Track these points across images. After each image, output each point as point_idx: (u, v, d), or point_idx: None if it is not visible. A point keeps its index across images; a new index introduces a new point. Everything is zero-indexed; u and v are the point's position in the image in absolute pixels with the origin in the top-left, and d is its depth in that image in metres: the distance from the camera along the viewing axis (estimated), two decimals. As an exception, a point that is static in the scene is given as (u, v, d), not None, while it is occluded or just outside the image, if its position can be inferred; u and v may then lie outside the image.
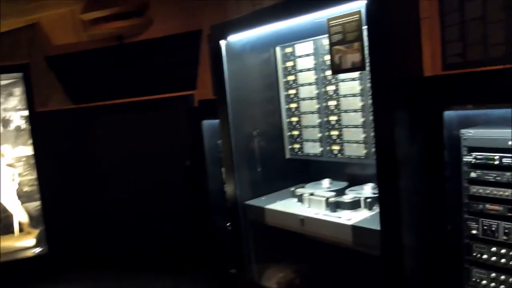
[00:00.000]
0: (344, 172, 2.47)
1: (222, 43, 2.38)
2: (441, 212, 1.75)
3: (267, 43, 2.57)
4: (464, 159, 1.73)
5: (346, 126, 2.27)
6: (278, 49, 2.60)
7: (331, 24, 1.81)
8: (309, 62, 2.43)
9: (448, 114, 1.69)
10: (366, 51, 1.68)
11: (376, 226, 1.77)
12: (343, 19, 1.75)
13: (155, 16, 3.11)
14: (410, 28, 1.68)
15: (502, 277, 1.67)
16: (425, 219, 1.77)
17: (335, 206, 2.10)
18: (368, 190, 2.19)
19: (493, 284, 1.69)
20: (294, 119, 2.58)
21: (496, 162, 1.65)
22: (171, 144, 3.44)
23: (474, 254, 1.74)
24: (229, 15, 2.47)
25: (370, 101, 2.04)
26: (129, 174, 3.68)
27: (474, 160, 1.71)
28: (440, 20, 1.62)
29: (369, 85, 1.88)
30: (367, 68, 1.71)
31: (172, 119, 3.44)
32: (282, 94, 2.62)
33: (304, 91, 2.49)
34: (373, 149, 1.78)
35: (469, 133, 1.70)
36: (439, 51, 1.64)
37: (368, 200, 2.06)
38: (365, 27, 1.67)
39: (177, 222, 3.46)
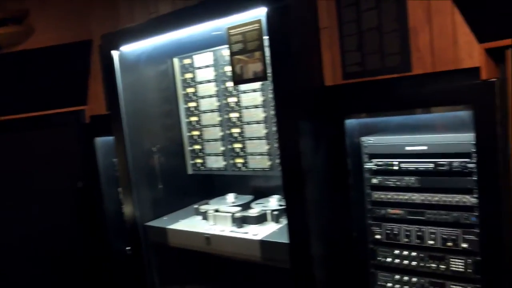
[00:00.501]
0: (249, 185, 2.42)
1: (115, 53, 2.21)
2: (347, 219, 1.76)
3: (164, 54, 2.45)
4: (366, 166, 1.77)
5: (249, 138, 2.22)
6: (176, 60, 2.49)
7: (231, 33, 1.75)
8: (209, 73, 2.35)
9: (350, 122, 1.71)
10: (268, 61, 1.64)
11: (284, 239, 1.73)
12: (243, 28, 1.71)
13: (37, 24, 2.82)
14: (311, 38, 1.69)
15: (405, 278, 1.72)
16: (333, 228, 1.77)
17: (241, 221, 2.03)
18: (274, 202, 2.16)
19: (397, 286, 1.74)
20: (195, 132, 2.48)
21: (395, 168, 1.71)
22: (60, 164, 3.12)
23: (379, 258, 1.78)
24: (122, 24, 2.31)
25: (272, 112, 2.02)
26: (12, 202, 3.26)
27: (375, 166, 1.75)
28: (339, 30, 1.65)
29: (271, 96, 1.86)
30: (269, 78, 1.68)
31: (61, 137, 3.12)
32: (182, 107, 2.51)
33: (205, 104, 2.40)
34: (278, 161, 1.75)
35: (369, 141, 1.75)
36: (338, 60, 1.66)
37: (275, 212, 2.03)
38: (266, 37, 1.64)
39: (69, 253, 3.13)
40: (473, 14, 1.34)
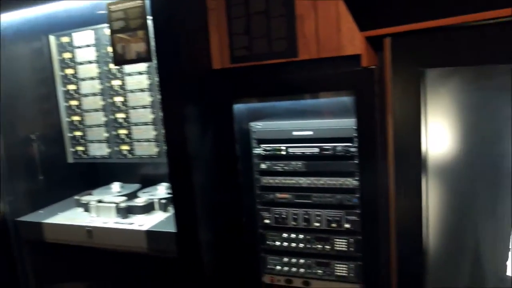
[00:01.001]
0: (137, 174, 2.30)
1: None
2: (236, 205, 1.74)
3: (38, 30, 2.19)
4: (255, 152, 1.76)
5: (136, 124, 2.09)
6: (52, 37, 2.25)
7: (112, 9, 1.61)
8: (91, 53, 2.16)
9: (238, 107, 1.68)
10: (153, 42, 1.54)
11: (172, 228, 1.66)
12: (125, 4, 1.58)
13: None
14: (198, 19, 1.61)
15: (293, 260, 1.76)
16: (222, 214, 1.74)
17: (126, 211, 1.92)
18: (162, 190, 2.07)
19: (286, 268, 1.77)
20: (76, 118, 2.28)
21: (283, 153, 1.72)
22: None
23: (268, 242, 1.80)
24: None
25: (159, 97, 1.92)
26: None
27: (263, 152, 1.75)
28: (226, 11, 1.60)
29: (157, 79, 1.76)
30: (154, 60, 1.58)
31: None
32: (60, 90, 2.29)
33: (86, 87, 2.21)
34: (165, 147, 1.66)
35: (258, 126, 1.74)
36: (226, 43, 1.61)
37: (163, 201, 1.94)
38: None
39: None
40: (354, 3, 1.37)
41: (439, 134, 1.37)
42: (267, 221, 1.78)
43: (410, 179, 1.37)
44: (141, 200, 1.95)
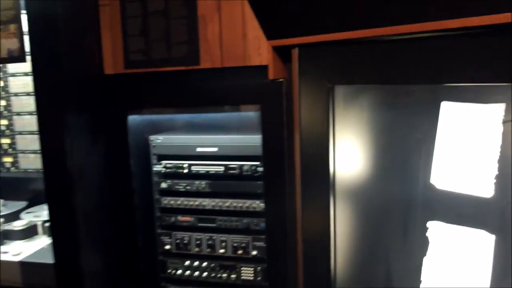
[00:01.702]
0: (23, 190, 2.00)
1: None
2: (131, 229, 1.53)
3: None
4: (155, 169, 1.57)
5: (20, 133, 1.82)
6: None
7: (-18, -2, 1.35)
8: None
9: (134, 118, 1.48)
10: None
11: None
12: (-3, -7, 1.33)
13: None
14: (87, 15, 1.40)
15: (196, 290, 1.59)
16: (115, 240, 1.52)
17: (3, 236, 1.64)
18: (51, 210, 1.81)
19: (188, 299, 1.59)
20: (-49, 123, 1.95)
21: (186, 171, 1.54)
22: None
23: (169, 270, 1.61)
24: None
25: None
26: None
27: (164, 169, 1.56)
28: (121, 9, 1.39)
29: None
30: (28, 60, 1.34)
31: None
32: None
33: (-37, 88, 1.90)
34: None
35: (158, 140, 1.55)
36: (120, 45, 1.41)
37: (47, 224, 1.68)
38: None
39: None
40: (261, 8, 1.23)
41: (349, 154, 1.26)
42: (168, 246, 1.60)
43: (317, 202, 1.24)
44: (20, 223, 1.67)
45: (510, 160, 1.12)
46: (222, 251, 1.54)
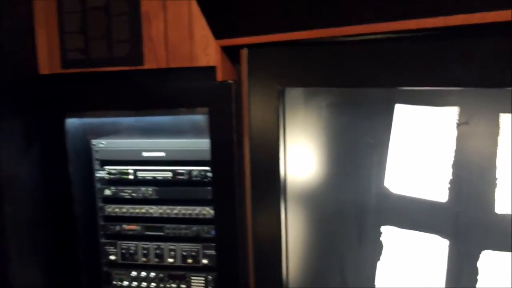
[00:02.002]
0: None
1: None
2: (72, 238, 1.43)
3: None
4: (97, 175, 1.48)
5: None
6: None
7: None
8: None
9: (73, 122, 1.38)
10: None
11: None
12: None
13: None
14: (18, 9, 1.28)
15: (144, 303, 1.50)
16: (54, 251, 1.42)
17: None
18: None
19: (135, 312, 1.50)
20: None
21: (131, 177, 1.46)
22: None
23: (114, 282, 1.52)
24: None
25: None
26: None
27: (107, 175, 1.47)
28: (57, 3, 1.29)
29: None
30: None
31: None
32: None
33: None
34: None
35: (101, 144, 1.45)
36: (57, 43, 1.30)
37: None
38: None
39: None
40: (209, 5, 1.17)
41: (301, 159, 1.22)
42: (112, 257, 1.50)
43: (268, 208, 1.19)
44: None
45: (464, 165, 1.11)
46: (171, 260, 1.46)
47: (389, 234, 1.22)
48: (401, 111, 1.16)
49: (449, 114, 1.09)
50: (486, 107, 1.02)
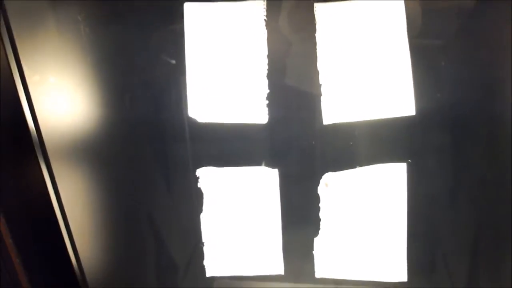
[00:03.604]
0: None
1: None
2: None
3: None
4: None
5: None
6: None
7: None
8: None
9: None
10: None
11: None
12: None
13: None
14: None
15: None
16: None
17: None
18: None
19: None
20: None
21: None
22: None
23: None
24: None
25: None
26: None
27: None
28: None
29: None
30: None
31: None
32: None
33: None
34: None
35: None
36: None
37: None
38: None
39: None
40: None
41: (55, 98, 0.82)
42: None
43: (23, 172, 0.80)
44: None
45: (280, 73, 0.86)
46: None
47: (208, 177, 0.95)
48: (191, 12, 0.83)
49: (254, 9, 0.81)
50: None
